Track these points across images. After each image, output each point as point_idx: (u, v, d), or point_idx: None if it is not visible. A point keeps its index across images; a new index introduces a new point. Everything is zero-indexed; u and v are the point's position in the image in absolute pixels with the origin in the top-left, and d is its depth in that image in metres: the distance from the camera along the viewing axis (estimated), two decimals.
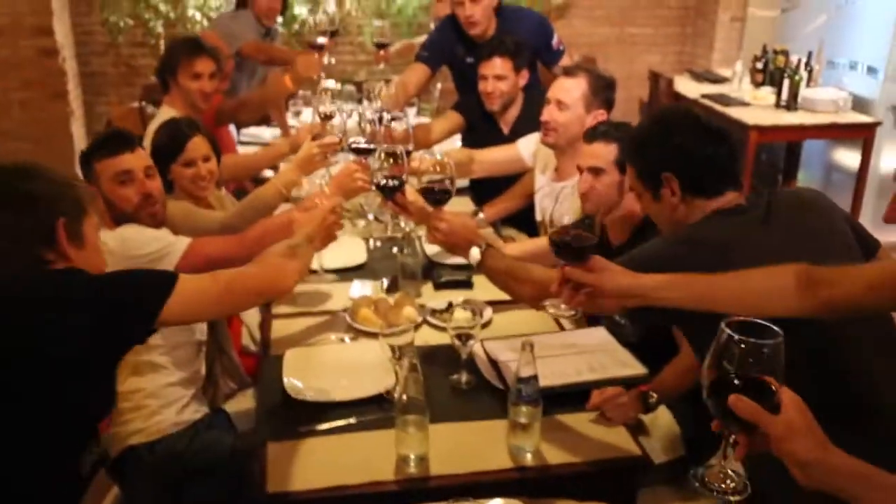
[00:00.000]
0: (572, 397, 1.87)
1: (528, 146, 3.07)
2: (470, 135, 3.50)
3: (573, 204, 2.35)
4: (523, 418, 1.67)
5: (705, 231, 1.69)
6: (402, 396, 1.63)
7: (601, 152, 2.30)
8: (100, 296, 1.50)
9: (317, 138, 2.62)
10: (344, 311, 2.31)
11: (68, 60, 5.75)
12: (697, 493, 1.16)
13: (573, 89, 2.71)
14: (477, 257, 2.07)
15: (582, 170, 2.34)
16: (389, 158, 2.15)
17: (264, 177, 3.49)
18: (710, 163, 1.73)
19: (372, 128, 2.49)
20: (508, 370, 1.91)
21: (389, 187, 2.16)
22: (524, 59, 3.23)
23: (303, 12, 5.87)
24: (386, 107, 2.65)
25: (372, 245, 2.81)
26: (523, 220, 3.12)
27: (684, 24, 6.72)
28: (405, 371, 1.63)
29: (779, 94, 5.08)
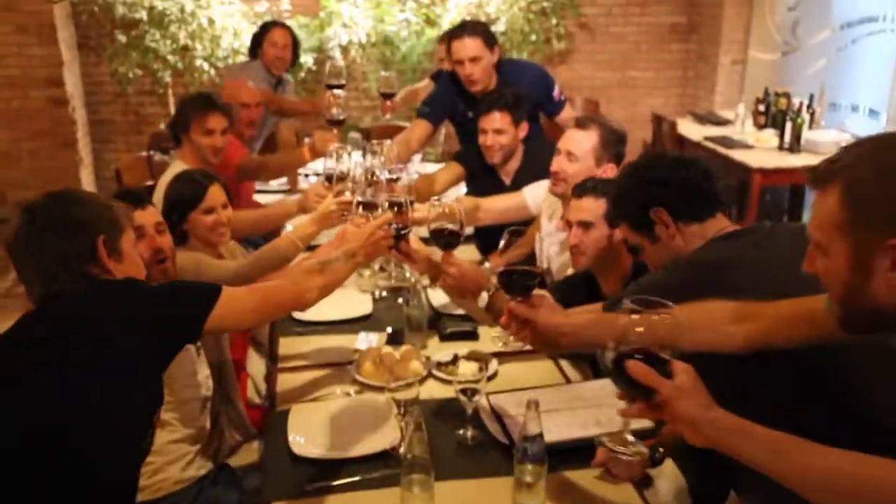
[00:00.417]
0: (579, 452, 1.85)
1: (534, 194, 3.08)
2: (471, 185, 3.51)
3: None
4: (529, 477, 1.66)
5: (703, 254, 1.79)
6: (407, 456, 1.62)
7: (590, 207, 2.35)
8: (158, 301, 1.67)
9: (338, 195, 2.62)
10: (349, 364, 2.31)
11: (78, 110, 5.86)
12: None
13: (584, 141, 2.72)
14: (486, 301, 2.09)
15: (571, 224, 2.38)
16: (393, 208, 2.17)
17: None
18: (687, 186, 1.85)
19: (379, 184, 2.50)
20: (514, 426, 1.91)
21: (394, 236, 2.18)
22: (523, 112, 3.26)
23: (308, 60, 5.96)
24: (388, 165, 2.66)
25: (378, 295, 2.82)
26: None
27: (686, 67, 6.80)
28: (410, 430, 1.63)
29: (781, 137, 5.11)
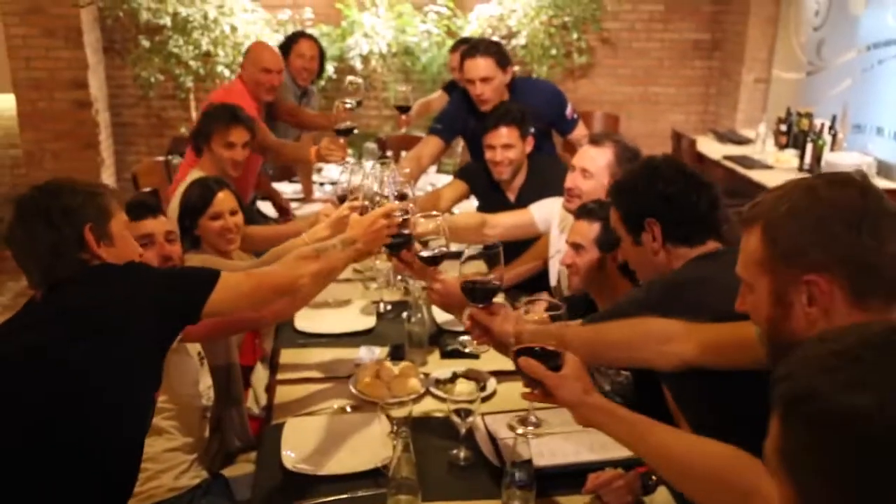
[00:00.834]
0: (569, 478, 1.84)
1: (542, 212, 3.07)
2: (476, 202, 3.50)
3: None
4: (516, 502, 1.64)
5: (685, 273, 1.81)
6: (395, 476, 1.62)
7: (583, 230, 2.35)
8: (160, 284, 1.73)
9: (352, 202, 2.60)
10: (348, 378, 2.31)
11: (101, 112, 5.93)
12: None
13: (598, 158, 2.70)
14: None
15: (568, 244, 2.38)
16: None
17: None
18: (692, 210, 1.84)
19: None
20: (507, 448, 1.89)
21: (395, 244, 2.17)
22: (529, 126, 3.24)
23: (329, 69, 5.99)
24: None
25: (382, 308, 2.82)
26: (534, 284, 3.11)
27: (708, 84, 6.75)
28: (398, 450, 1.63)
29: (802, 158, 5.05)
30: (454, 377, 2.27)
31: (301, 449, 1.94)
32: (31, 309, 1.72)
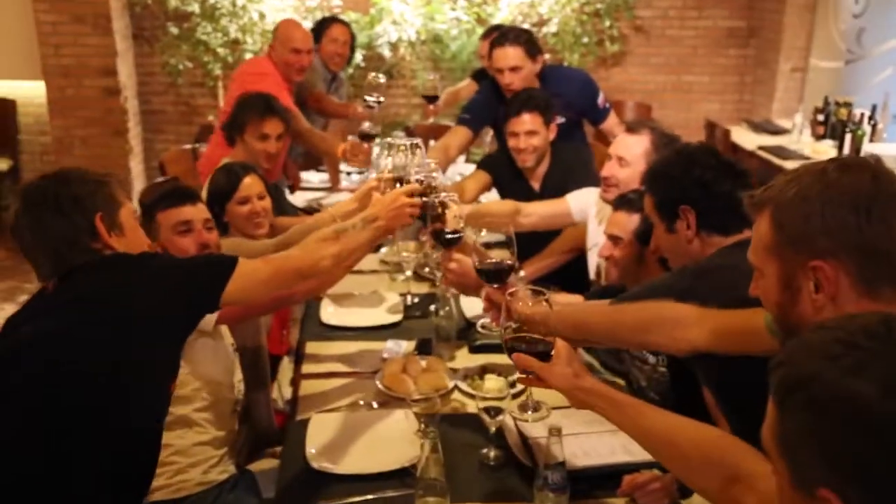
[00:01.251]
0: (604, 479, 1.78)
1: (579, 202, 2.98)
2: (498, 192, 3.39)
3: None
4: None
5: (715, 260, 1.79)
6: (423, 477, 1.57)
7: (622, 221, 2.28)
8: (177, 272, 1.70)
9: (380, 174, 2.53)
10: (374, 373, 2.26)
11: (130, 100, 5.93)
12: None
13: (635, 146, 2.62)
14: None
15: (606, 235, 2.30)
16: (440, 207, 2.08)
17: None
18: (728, 200, 1.79)
19: None
20: (539, 448, 1.83)
21: (450, 240, 2.10)
22: (552, 113, 3.16)
23: (357, 57, 5.93)
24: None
25: (409, 301, 2.76)
26: (571, 277, 3.01)
27: (743, 73, 6.60)
28: (426, 450, 1.58)
29: (840, 149, 4.91)
30: (483, 372, 2.22)
31: (326, 446, 1.90)
32: (43, 298, 1.68)
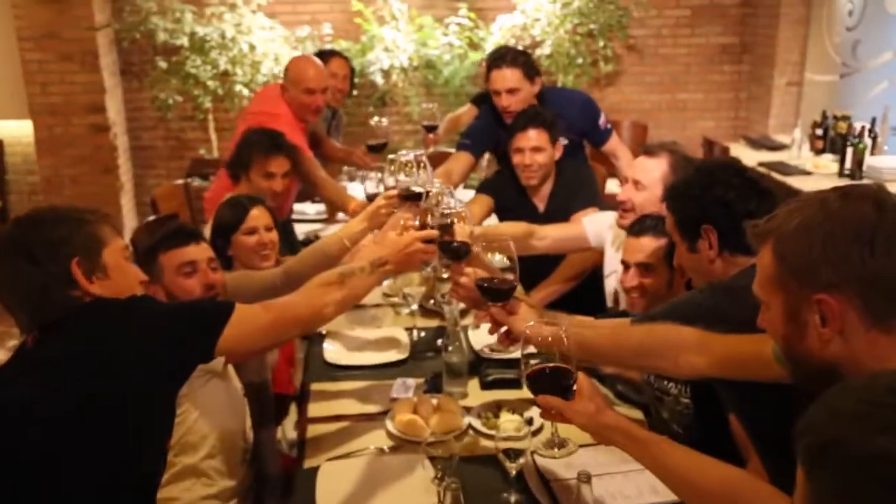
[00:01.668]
0: None
1: (594, 225, 2.88)
2: (501, 216, 3.28)
3: None
4: None
5: (743, 280, 1.68)
6: None
7: (650, 247, 2.18)
8: (168, 320, 1.56)
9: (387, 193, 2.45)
10: (383, 414, 2.15)
11: (119, 136, 5.85)
12: None
13: (653, 169, 2.52)
14: None
15: (629, 265, 2.20)
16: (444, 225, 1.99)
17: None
18: (752, 218, 1.70)
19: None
20: (563, 492, 1.73)
21: (453, 251, 2.00)
22: (558, 132, 3.10)
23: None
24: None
25: (416, 336, 2.66)
26: (585, 305, 2.88)
27: (738, 89, 6.56)
28: (448, 502, 1.47)
29: (842, 163, 4.85)
30: (498, 409, 2.12)
31: (338, 498, 1.78)
32: (24, 355, 1.56)
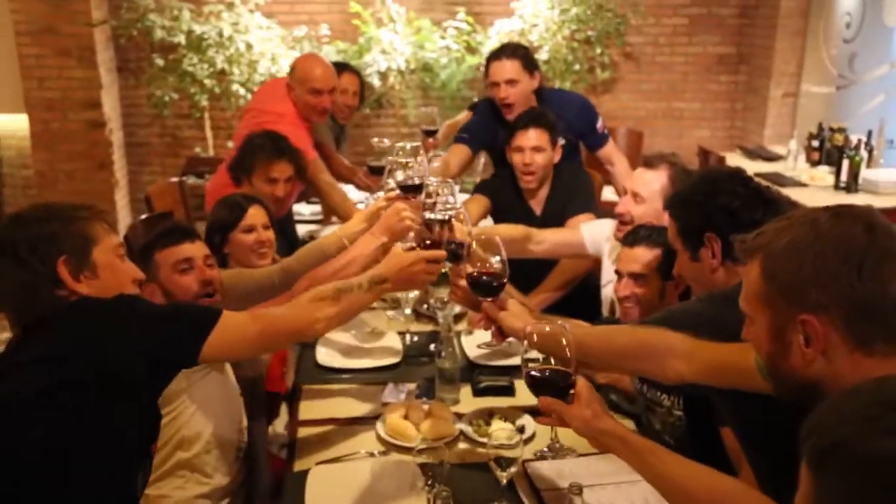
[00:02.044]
0: None
1: (593, 233, 2.87)
2: (497, 218, 3.22)
3: None
4: None
5: (735, 289, 1.69)
6: None
7: (644, 258, 2.17)
8: (153, 322, 1.53)
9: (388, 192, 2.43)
10: (374, 418, 2.15)
11: (115, 132, 5.83)
12: None
13: (652, 182, 2.51)
14: None
15: (622, 274, 2.20)
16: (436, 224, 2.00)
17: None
18: (756, 227, 1.69)
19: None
20: (554, 503, 1.72)
21: (457, 253, 1.97)
22: (558, 133, 3.08)
23: None
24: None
25: (408, 341, 2.65)
26: (580, 314, 2.86)
27: (734, 99, 6.57)
28: None
29: (837, 175, 4.86)
30: (490, 417, 2.11)
31: (328, 502, 1.77)
32: (9, 353, 1.55)
